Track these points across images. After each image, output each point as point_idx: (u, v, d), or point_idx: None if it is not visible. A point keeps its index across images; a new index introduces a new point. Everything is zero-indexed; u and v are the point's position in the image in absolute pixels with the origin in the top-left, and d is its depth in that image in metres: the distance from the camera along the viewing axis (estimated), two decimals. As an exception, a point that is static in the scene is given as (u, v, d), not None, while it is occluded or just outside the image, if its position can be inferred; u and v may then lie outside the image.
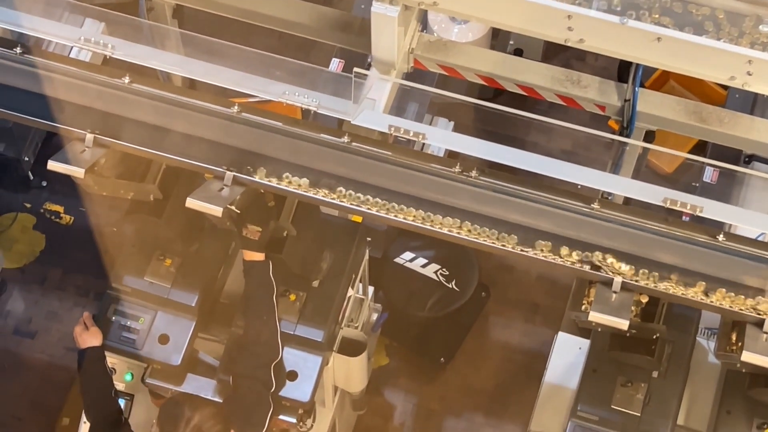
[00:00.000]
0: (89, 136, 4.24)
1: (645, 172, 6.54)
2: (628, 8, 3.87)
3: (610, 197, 4.26)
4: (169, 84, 4.73)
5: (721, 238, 4.01)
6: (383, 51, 4.30)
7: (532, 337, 6.76)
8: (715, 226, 4.16)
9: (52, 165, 4.21)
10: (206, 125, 4.25)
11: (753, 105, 5.84)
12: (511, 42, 6.96)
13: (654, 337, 4.39)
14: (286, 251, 4.67)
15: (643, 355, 4.52)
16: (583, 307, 4.09)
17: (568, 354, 5.11)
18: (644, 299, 4.15)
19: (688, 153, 5.25)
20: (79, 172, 4.18)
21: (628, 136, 4.42)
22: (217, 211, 4.11)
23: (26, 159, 6.95)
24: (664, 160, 6.88)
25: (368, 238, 5.19)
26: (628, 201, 4.27)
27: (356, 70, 4.15)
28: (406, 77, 4.51)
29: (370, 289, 5.58)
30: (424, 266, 6.63)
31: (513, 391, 6.60)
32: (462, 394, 6.65)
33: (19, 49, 4.38)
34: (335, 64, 5.99)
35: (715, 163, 4.33)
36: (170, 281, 4.84)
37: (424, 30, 4.58)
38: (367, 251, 5.24)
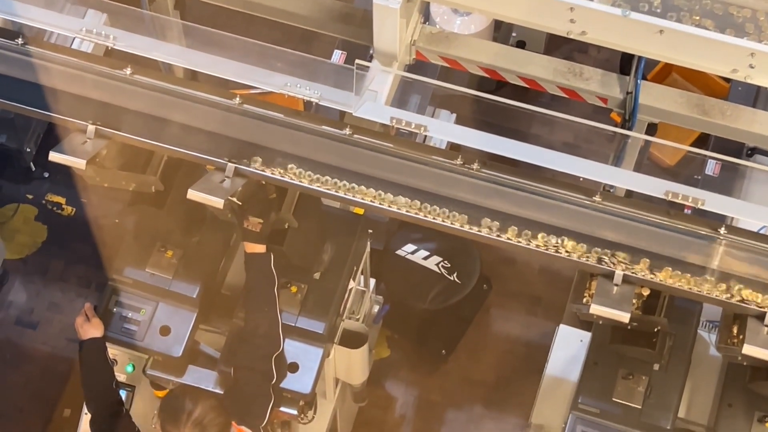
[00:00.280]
0: (91, 128, 4.24)
1: (647, 164, 6.55)
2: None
3: (611, 190, 4.25)
4: (170, 75, 4.72)
5: (722, 231, 4.00)
6: (385, 43, 4.29)
7: (534, 329, 6.76)
8: (718, 219, 4.16)
9: (54, 156, 4.21)
10: (207, 116, 4.25)
11: (756, 97, 5.84)
12: (514, 34, 6.95)
13: (655, 329, 4.39)
14: (288, 243, 4.67)
15: (644, 347, 4.52)
16: (584, 300, 4.09)
17: (569, 346, 5.11)
18: (645, 292, 4.15)
19: (691, 146, 5.24)
20: (80, 164, 4.18)
21: (630, 129, 4.41)
22: (218, 202, 4.11)
23: (28, 150, 6.95)
24: (667, 153, 6.87)
25: (370, 230, 5.19)
26: (630, 194, 4.26)
27: (358, 61, 4.14)
28: (408, 69, 4.50)
29: (372, 281, 5.58)
30: (425, 258, 6.63)
31: (514, 383, 6.60)
32: (463, 387, 6.65)
33: (21, 40, 4.38)
34: (337, 56, 5.99)
35: (718, 156, 4.33)
36: (171, 273, 4.84)
37: (427, 22, 4.57)
38: (369, 243, 5.23)
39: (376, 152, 4.18)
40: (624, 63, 6.05)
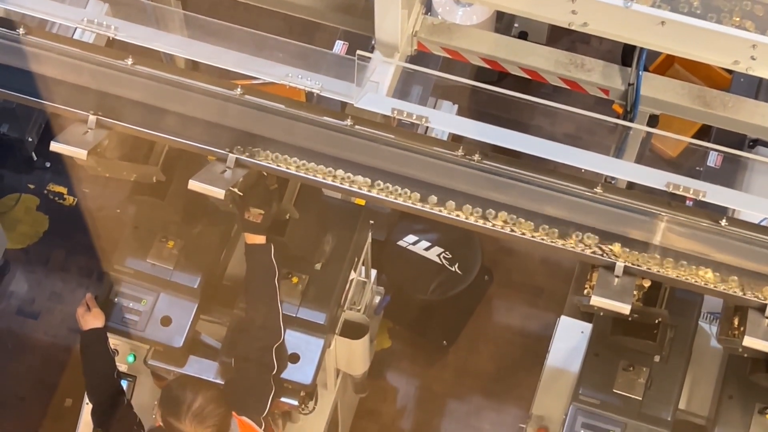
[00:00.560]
0: (92, 118, 4.24)
1: (649, 156, 6.55)
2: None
3: (613, 181, 4.25)
4: (171, 66, 4.72)
5: (724, 222, 4.00)
6: (387, 34, 4.29)
7: (535, 320, 6.76)
8: (719, 211, 4.15)
9: (55, 146, 4.21)
10: (209, 107, 4.24)
11: (758, 89, 5.83)
12: (516, 25, 6.94)
13: (656, 321, 4.39)
14: (289, 234, 4.67)
15: (645, 339, 4.53)
16: (585, 291, 4.09)
17: (570, 338, 5.11)
18: (646, 284, 4.15)
19: (692, 137, 5.24)
20: (81, 154, 4.18)
21: (631, 121, 4.40)
22: (219, 193, 4.11)
23: (30, 140, 6.95)
24: (668, 145, 6.87)
25: (371, 221, 5.19)
26: (631, 185, 4.26)
27: (359, 52, 4.14)
28: (410, 60, 4.49)
29: (373, 272, 5.58)
30: (427, 249, 6.63)
31: (515, 374, 6.61)
32: (464, 378, 6.65)
33: (23, 29, 4.37)
34: (339, 47, 5.99)
35: (719, 148, 4.33)
36: (173, 263, 4.84)
37: (428, 13, 4.56)
38: (370, 234, 5.24)
39: (377, 143, 4.17)
40: (626, 54, 6.04)
